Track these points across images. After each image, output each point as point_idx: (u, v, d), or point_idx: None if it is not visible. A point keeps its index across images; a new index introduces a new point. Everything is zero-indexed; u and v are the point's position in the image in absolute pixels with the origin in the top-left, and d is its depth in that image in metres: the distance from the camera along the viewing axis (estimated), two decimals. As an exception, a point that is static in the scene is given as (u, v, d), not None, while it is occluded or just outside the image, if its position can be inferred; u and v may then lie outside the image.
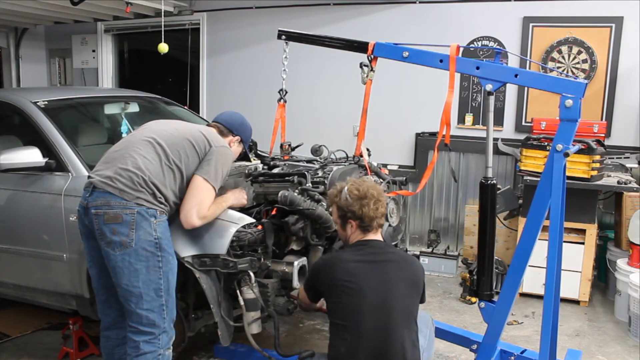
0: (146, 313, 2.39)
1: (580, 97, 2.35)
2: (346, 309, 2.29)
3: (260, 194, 3.04)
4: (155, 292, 2.40)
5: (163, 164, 2.47)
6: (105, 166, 2.48)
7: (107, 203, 2.36)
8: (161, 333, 2.44)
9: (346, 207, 2.44)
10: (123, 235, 2.34)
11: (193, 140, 2.56)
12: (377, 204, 2.43)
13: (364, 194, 2.42)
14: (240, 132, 2.87)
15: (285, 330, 3.70)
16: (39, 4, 5.64)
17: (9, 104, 3.47)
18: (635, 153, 4.72)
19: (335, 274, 2.33)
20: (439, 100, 2.83)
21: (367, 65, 3.04)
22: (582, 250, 4.15)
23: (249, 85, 6.17)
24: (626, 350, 3.56)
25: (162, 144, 2.51)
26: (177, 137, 2.56)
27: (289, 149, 3.57)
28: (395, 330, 2.25)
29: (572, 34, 4.94)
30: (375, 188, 2.47)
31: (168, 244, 2.45)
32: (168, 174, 2.48)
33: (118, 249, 2.35)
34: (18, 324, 3.76)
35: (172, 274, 2.47)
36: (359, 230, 2.46)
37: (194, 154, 2.55)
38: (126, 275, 2.36)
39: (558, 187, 2.42)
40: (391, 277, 2.34)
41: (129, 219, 2.34)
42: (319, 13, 5.76)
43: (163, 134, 2.56)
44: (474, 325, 3.80)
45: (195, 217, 2.48)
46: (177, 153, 2.51)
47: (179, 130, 2.62)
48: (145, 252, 2.37)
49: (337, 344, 2.30)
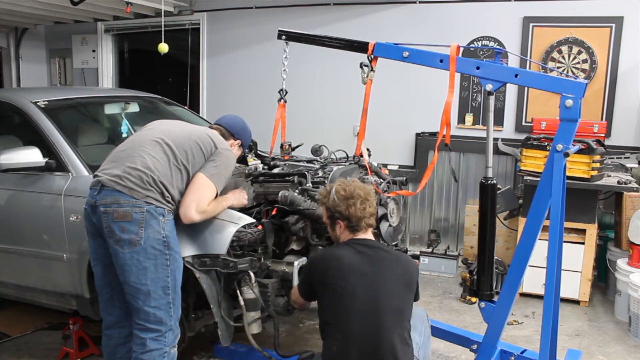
0: (154, 310, 2.41)
1: (580, 97, 2.35)
2: (338, 307, 2.29)
3: (260, 194, 3.04)
4: (163, 290, 2.42)
5: (171, 163, 2.49)
6: (113, 165, 2.48)
7: (116, 201, 2.37)
8: (167, 331, 2.46)
9: (333, 207, 2.45)
10: (132, 233, 2.35)
11: (200, 142, 2.58)
12: (364, 204, 2.43)
13: (350, 194, 2.42)
14: (241, 137, 2.90)
15: (285, 330, 3.70)
16: (39, 4, 5.64)
17: (9, 104, 3.47)
18: (635, 153, 4.72)
19: (329, 272, 2.33)
20: (439, 100, 2.82)
21: (367, 65, 3.03)
22: (582, 250, 4.15)
23: (249, 85, 6.17)
24: (626, 350, 3.56)
25: (170, 144, 2.53)
26: (185, 137, 2.59)
27: (289, 149, 3.57)
28: (385, 329, 2.25)
29: (572, 34, 4.94)
30: (362, 188, 2.47)
31: (175, 243, 2.48)
32: (175, 174, 2.50)
33: (127, 247, 2.36)
34: (18, 324, 3.76)
35: (179, 272, 2.50)
36: (347, 231, 2.47)
37: (200, 155, 2.57)
38: (134, 272, 2.37)
39: (558, 187, 2.42)
40: (383, 276, 2.33)
41: (138, 217, 2.36)
42: (319, 13, 5.76)
43: (171, 135, 2.58)
44: (474, 325, 3.80)
45: (194, 211, 2.49)
46: (185, 153, 2.53)
47: (186, 131, 2.65)
48: (154, 250, 2.39)
49: (329, 344, 2.31)
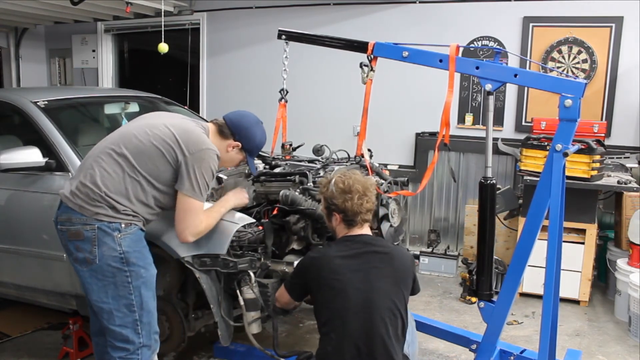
0: (119, 329, 2.31)
1: (580, 97, 2.35)
2: (331, 307, 2.27)
3: (261, 194, 3.03)
4: (127, 308, 2.31)
5: (126, 175, 2.31)
6: (74, 177, 2.40)
7: (69, 219, 2.29)
8: (139, 348, 2.35)
9: (330, 199, 2.41)
10: (86, 251, 2.26)
11: (162, 148, 2.34)
12: (361, 199, 2.37)
13: (348, 187, 2.37)
14: (243, 139, 2.56)
15: (285, 330, 3.70)
16: (39, 4, 5.64)
17: (9, 104, 3.47)
18: (635, 153, 4.72)
19: (322, 272, 2.31)
20: (439, 100, 2.82)
21: (367, 65, 3.04)
22: (582, 250, 4.15)
23: (249, 85, 6.17)
24: (626, 350, 3.56)
25: (126, 155, 2.33)
26: (145, 144, 2.34)
27: (290, 148, 3.56)
28: (379, 327, 2.22)
29: (572, 34, 4.94)
30: (362, 183, 2.41)
31: (139, 257, 2.33)
32: (133, 186, 2.32)
33: (84, 266, 2.28)
34: (18, 324, 3.76)
35: (146, 288, 2.35)
36: (343, 224, 2.42)
37: (164, 162, 2.34)
38: (95, 291, 2.29)
39: (557, 187, 2.42)
40: (376, 274, 2.30)
41: (90, 235, 2.25)
42: (319, 13, 5.76)
43: (131, 142, 2.35)
44: (474, 325, 3.80)
45: (190, 237, 2.43)
46: (144, 163, 2.33)
47: (150, 135, 2.36)
48: (111, 268, 2.27)
49: (324, 343, 2.28)
